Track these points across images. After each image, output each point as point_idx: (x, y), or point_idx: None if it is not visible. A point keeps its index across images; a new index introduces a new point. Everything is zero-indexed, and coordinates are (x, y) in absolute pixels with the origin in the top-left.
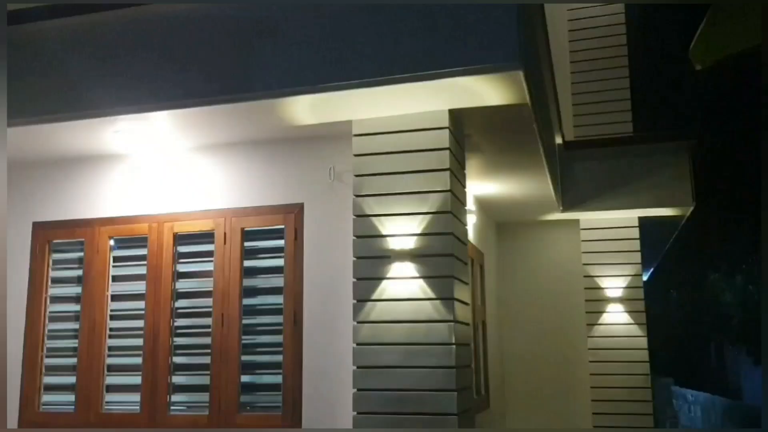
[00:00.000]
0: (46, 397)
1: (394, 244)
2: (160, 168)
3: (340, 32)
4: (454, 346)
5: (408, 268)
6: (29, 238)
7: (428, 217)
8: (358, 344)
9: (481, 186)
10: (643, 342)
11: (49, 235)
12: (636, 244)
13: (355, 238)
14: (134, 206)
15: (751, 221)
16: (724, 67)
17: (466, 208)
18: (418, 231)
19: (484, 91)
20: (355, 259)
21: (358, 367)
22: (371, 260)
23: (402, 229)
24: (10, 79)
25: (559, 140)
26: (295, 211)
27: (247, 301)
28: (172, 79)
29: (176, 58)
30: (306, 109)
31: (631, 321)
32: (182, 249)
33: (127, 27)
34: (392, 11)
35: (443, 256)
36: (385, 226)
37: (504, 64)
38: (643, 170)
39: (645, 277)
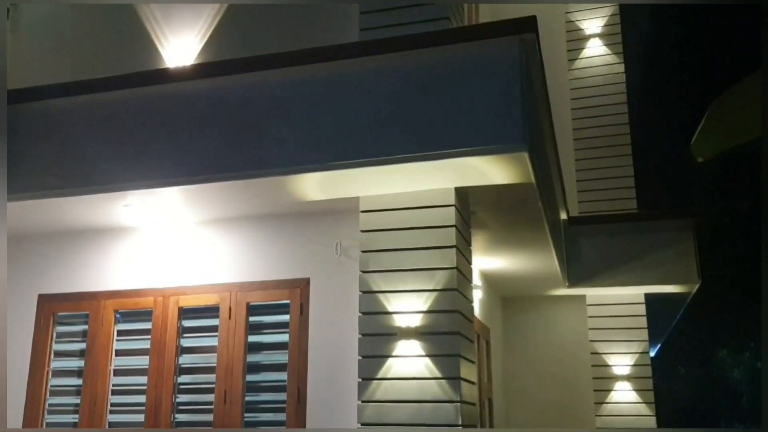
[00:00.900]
0: None
1: (400, 321)
2: (167, 241)
3: (348, 112)
4: (460, 428)
5: (414, 346)
6: (34, 311)
7: (434, 294)
8: (362, 424)
9: (487, 261)
10: (652, 421)
11: (54, 308)
12: (643, 321)
13: (361, 314)
14: (140, 279)
15: (758, 298)
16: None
17: (473, 284)
18: (425, 308)
19: (490, 170)
20: (360, 336)
21: None
22: (377, 338)
23: (408, 306)
24: (22, 154)
25: (564, 216)
26: (301, 286)
27: (250, 378)
28: (183, 155)
29: (186, 135)
30: (314, 185)
31: (639, 399)
32: (187, 323)
33: (138, 104)
34: (399, 92)
35: (450, 334)
36: (392, 302)
37: (509, 145)
38: (647, 247)
39: (652, 353)
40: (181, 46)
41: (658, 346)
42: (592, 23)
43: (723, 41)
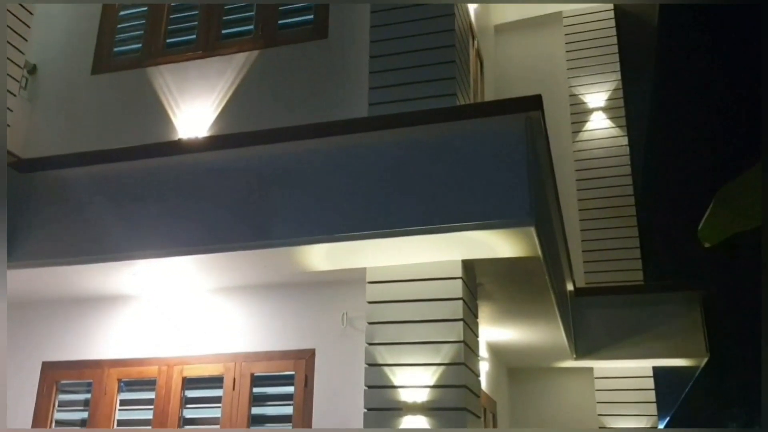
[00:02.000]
0: None
1: (406, 396)
2: (172, 309)
3: (356, 184)
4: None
5: (420, 422)
6: (37, 378)
7: (441, 368)
8: None
9: (494, 332)
10: None
11: (57, 376)
12: (651, 395)
13: (366, 388)
14: (145, 348)
15: None
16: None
17: (479, 356)
18: (431, 383)
19: (497, 244)
20: (366, 410)
21: None
22: (382, 412)
23: (414, 380)
24: (34, 222)
25: (570, 287)
26: (306, 357)
27: None
28: (191, 225)
29: (195, 206)
30: (321, 256)
31: None
32: (190, 394)
33: (149, 175)
34: (406, 165)
35: (456, 410)
36: (397, 376)
37: (516, 220)
38: (654, 319)
39: (661, 426)
40: (194, 117)
41: (667, 419)
42: (596, 97)
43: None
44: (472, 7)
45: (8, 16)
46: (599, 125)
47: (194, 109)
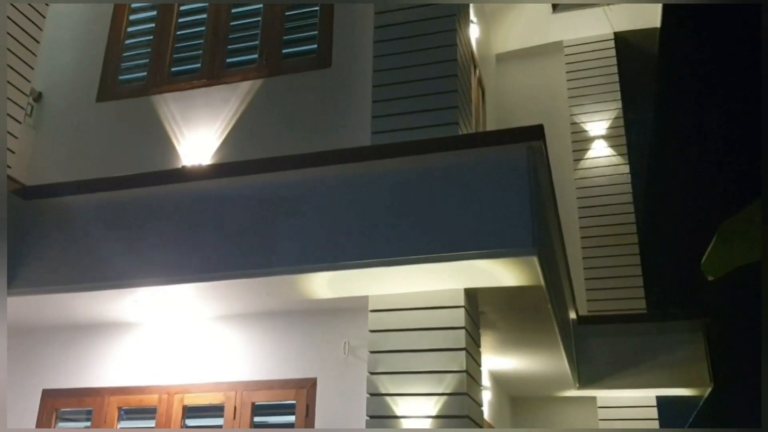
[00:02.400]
0: None
1: (408, 426)
2: (173, 337)
3: (358, 212)
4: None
5: None
6: (37, 406)
7: (444, 398)
8: None
9: (496, 361)
10: None
11: (57, 403)
12: (655, 424)
13: (368, 417)
14: (145, 376)
15: None
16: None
17: (482, 386)
18: (434, 413)
19: (500, 273)
20: None
21: None
22: None
23: (417, 411)
24: (36, 249)
25: (573, 315)
26: (308, 386)
27: None
28: (194, 253)
29: (198, 233)
30: (323, 284)
31: None
32: (191, 422)
33: (151, 202)
34: (409, 193)
35: None
36: (400, 406)
37: (519, 249)
38: (658, 348)
39: None
40: (197, 145)
41: None
42: (597, 125)
43: (725, 149)
44: (473, 37)
45: (15, 44)
46: (600, 153)
47: (198, 137)
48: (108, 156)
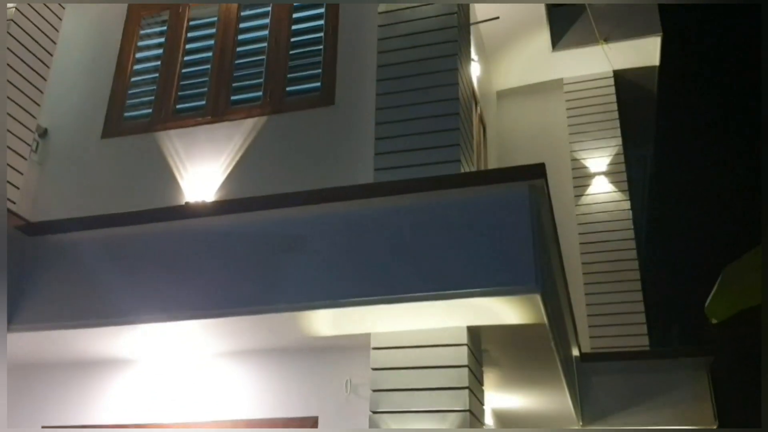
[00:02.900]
0: None
1: None
2: (174, 374)
3: (361, 249)
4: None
5: None
6: None
7: None
8: None
9: (499, 399)
10: None
11: None
12: None
13: None
14: (146, 413)
15: None
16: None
17: (484, 424)
18: None
19: (503, 311)
20: None
21: None
22: None
23: None
24: (39, 285)
25: (576, 352)
26: (309, 425)
27: None
28: (195, 290)
29: (200, 270)
30: (326, 322)
31: None
32: None
33: (154, 239)
34: (411, 231)
35: None
36: None
37: (522, 287)
38: (661, 386)
39: None
40: (201, 181)
41: None
42: (597, 162)
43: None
44: (474, 74)
45: (22, 81)
46: (601, 189)
47: (202, 174)
48: (112, 192)
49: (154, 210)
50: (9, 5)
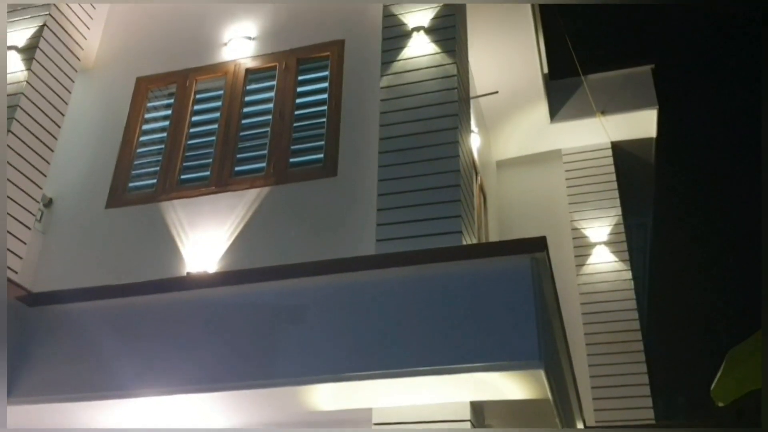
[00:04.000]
0: None
1: None
2: None
3: (363, 322)
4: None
5: None
6: None
7: None
8: None
9: None
10: None
11: None
12: None
13: None
14: None
15: None
16: None
17: None
18: None
19: (506, 386)
20: None
21: None
22: None
23: None
24: (39, 357)
25: (580, 425)
26: None
27: None
28: (195, 362)
29: (202, 342)
30: (326, 396)
31: None
32: None
33: (155, 310)
34: (413, 304)
35: None
36: None
37: (525, 362)
38: None
39: None
40: (204, 251)
41: None
42: (598, 231)
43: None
44: (475, 146)
45: (28, 152)
46: (602, 259)
47: (204, 243)
48: (114, 261)
49: (155, 281)
50: (19, 73)
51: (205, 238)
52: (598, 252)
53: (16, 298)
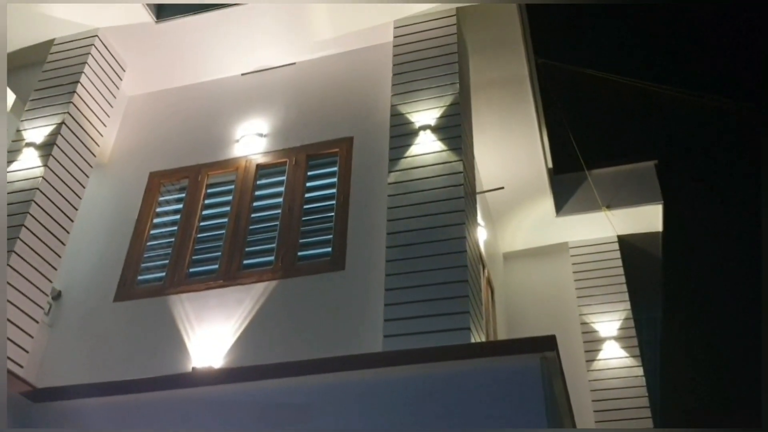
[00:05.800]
0: None
1: None
2: None
3: (369, 419)
4: None
5: None
6: None
7: None
8: None
9: None
10: None
11: None
12: None
13: None
14: None
15: None
16: None
17: None
18: None
19: None
20: None
21: None
22: None
23: None
24: None
25: None
26: None
27: None
28: None
29: None
30: None
31: None
32: None
33: (161, 407)
34: (422, 401)
35: None
36: None
37: None
38: None
39: None
40: (210, 346)
41: None
42: (608, 326)
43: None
44: (482, 239)
45: (41, 246)
46: (613, 354)
47: (211, 338)
48: (120, 355)
49: (160, 378)
50: (36, 169)
51: (211, 333)
52: (609, 347)
53: (20, 393)
